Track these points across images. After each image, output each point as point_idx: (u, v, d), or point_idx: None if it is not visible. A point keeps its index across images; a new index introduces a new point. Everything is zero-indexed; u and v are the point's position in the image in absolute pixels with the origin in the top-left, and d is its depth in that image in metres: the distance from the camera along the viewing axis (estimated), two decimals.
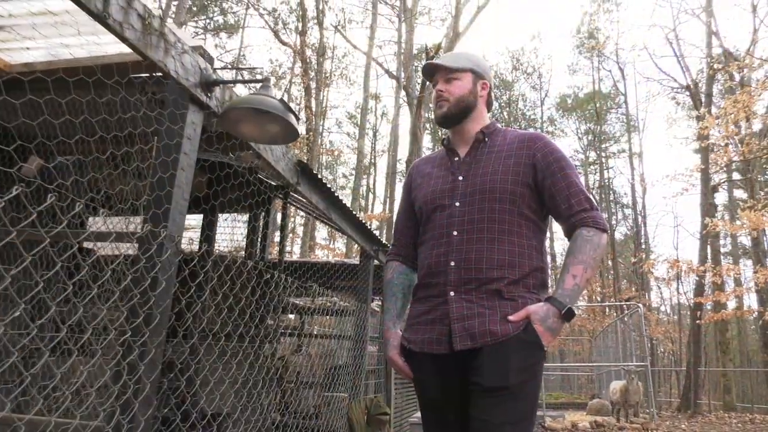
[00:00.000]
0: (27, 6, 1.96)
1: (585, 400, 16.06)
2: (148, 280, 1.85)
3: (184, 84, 2.07)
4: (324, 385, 5.38)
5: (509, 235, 1.72)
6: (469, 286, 1.68)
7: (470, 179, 1.80)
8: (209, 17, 26.63)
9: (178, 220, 2.06)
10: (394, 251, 2.04)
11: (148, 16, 1.88)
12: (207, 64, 2.23)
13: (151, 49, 1.88)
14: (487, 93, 1.94)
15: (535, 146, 1.81)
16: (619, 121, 31.42)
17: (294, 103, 24.84)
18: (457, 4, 22.23)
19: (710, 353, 26.11)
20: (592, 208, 1.75)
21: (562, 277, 1.70)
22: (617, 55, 28.13)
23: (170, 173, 2.01)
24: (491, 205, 1.73)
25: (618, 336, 12.39)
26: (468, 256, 1.70)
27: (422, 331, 1.75)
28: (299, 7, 21.88)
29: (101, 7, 1.65)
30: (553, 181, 1.76)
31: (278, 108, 2.02)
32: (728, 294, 14.07)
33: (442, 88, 1.89)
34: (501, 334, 1.61)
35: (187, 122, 2.12)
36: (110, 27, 1.70)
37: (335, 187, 30.69)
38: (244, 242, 5.65)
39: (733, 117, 12.52)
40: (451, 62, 1.90)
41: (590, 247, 1.69)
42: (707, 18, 15.75)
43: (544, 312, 1.64)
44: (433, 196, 1.85)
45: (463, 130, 1.91)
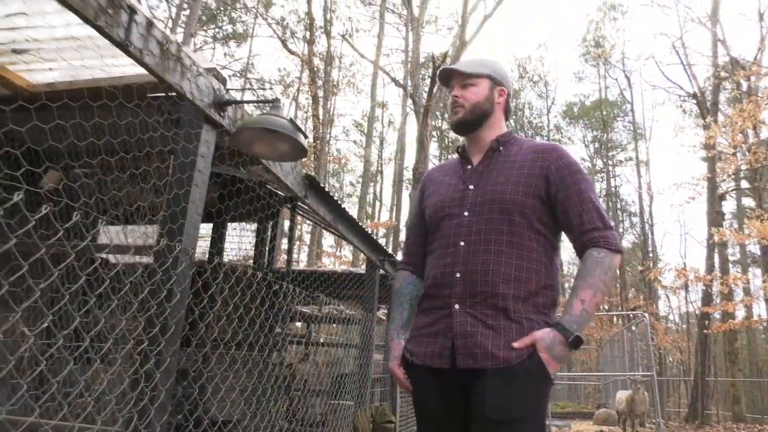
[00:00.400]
0: (51, 32, 2.07)
1: (592, 409, 16.01)
2: (164, 292, 1.94)
3: (199, 105, 2.17)
4: (330, 393, 5.45)
5: (518, 249, 1.66)
6: (474, 300, 1.63)
7: (481, 188, 1.75)
8: (218, 26, 26.95)
9: (192, 233, 2.16)
10: (404, 260, 2.00)
11: (166, 42, 1.98)
12: (220, 85, 2.33)
13: (169, 73, 1.98)
14: (505, 100, 1.89)
15: (549, 158, 1.74)
16: (626, 129, 31.45)
17: (302, 111, 25.07)
18: (463, 13, 22.40)
19: (720, 363, 25.91)
20: (605, 227, 1.67)
21: (570, 301, 1.62)
22: (623, 64, 28.22)
23: (185, 190, 2.11)
24: (500, 216, 1.67)
25: (624, 345, 12.38)
26: (474, 267, 1.65)
27: (425, 343, 1.70)
28: (307, 17, 22.15)
29: (123, 36, 1.76)
30: (567, 195, 1.69)
31: (288, 128, 2.12)
32: (735, 303, 14.01)
33: (457, 94, 1.84)
34: (503, 359, 1.55)
35: (201, 141, 2.22)
36: (131, 54, 1.81)
37: (342, 194, 30.84)
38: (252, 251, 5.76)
39: (739, 126, 12.53)
40: (468, 68, 1.85)
41: (600, 270, 1.61)
42: (713, 27, 15.79)
43: (550, 339, 1.57)
44: (442, 204, 1.80)
45: (479, 137, 1.86)
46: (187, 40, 11.60)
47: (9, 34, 2.12)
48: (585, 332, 1.63)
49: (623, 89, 30.29)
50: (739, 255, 29.43)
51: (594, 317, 1.83)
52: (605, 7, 29.93)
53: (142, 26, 1.85)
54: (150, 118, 2.23)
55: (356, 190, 31.31)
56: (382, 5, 21.64)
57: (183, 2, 21.05)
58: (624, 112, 31.54)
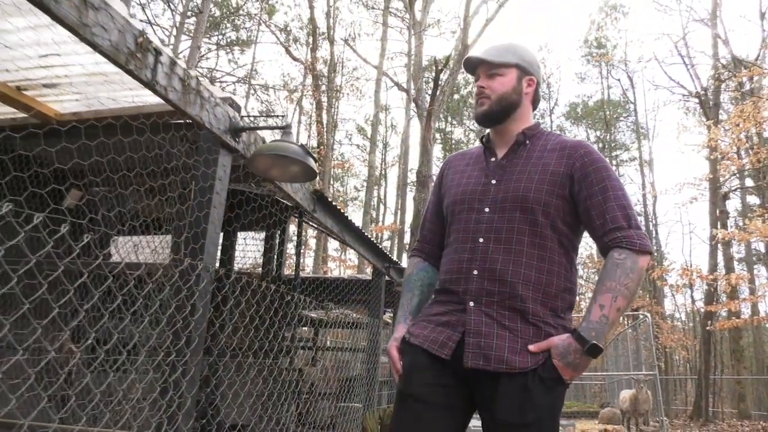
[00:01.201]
0: (81, 69, 2.26)
1: (597, 408, 16.12)
2: (188, 308, 2.12)
3: (216, 132, 2.35)
4: (339, 396, 5.62)
5: (539, 249, 1.60)
6: (491, 299, 1.57)
7: (503, 184, 1.67)
8: (222, 33, 27.21)
9: (212, 251, 2.34)
10: (418, 247, 1.93)
11: (187, 77, 2.16)
12: (235, 113, 2.51)
13: (190, 106, 2.17)
14: (534, 90, 1.78)
15: (574, 155, 1.66)
16: (629, 129, 31.51)
17: (305, 116, 25.28)
18: (465, 16, 22.55)
19: (726, 361, 25.93)
20: (629, 227, 1.57)
21: (589, 307, 1.55)
22: (626, 64, 28.31)
23: (205, 212, 2.29)
24: (522, 215, 1.61)
25: (628, 345, 12.50)
26: (492, 266, 1.59)
27: (429, 329, 1.64)
28: (310, 23, 22.36)
29: (150, 77, 1.94)
30: (590, 193, 1.61)
31: (299, 153, 2.30)
32: (738, 302, 14.11)
33: (483, 84, 1.74)
34: (519, 366, 1.50)
35: (219, 165, 2.40)
36: (157, 92, 1.99)
37: (346, 198, 31.04)
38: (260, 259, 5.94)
39: (740, 127, 12.64)
40: (495, 56, 1.74)
41: (621, 272, 1.52)
42: (713, 28, 15.90)
43: (564, 347, 1.51)
44: (462, 196, 1.72)
45: (505, 129, 1.76)
46: (194, 53, 11.82)
47: (42, 71, 2.31)
48: (604, 340, 1.55)
49: (626, 89, 30.39)
50: (744, 253, 29.42)
51: (617, 323, 1.68)
52: (607, 7, 30.06)
53: (166, 65, 2.03)
54: (173, 147, 2.41)
55: (360, 193, 31.51)
56: (384, 13, 21.80)
57: (186, 10, 21.32)
58: (627, 111, 31.62)
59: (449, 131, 31.73)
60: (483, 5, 23.64)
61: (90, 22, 1.67)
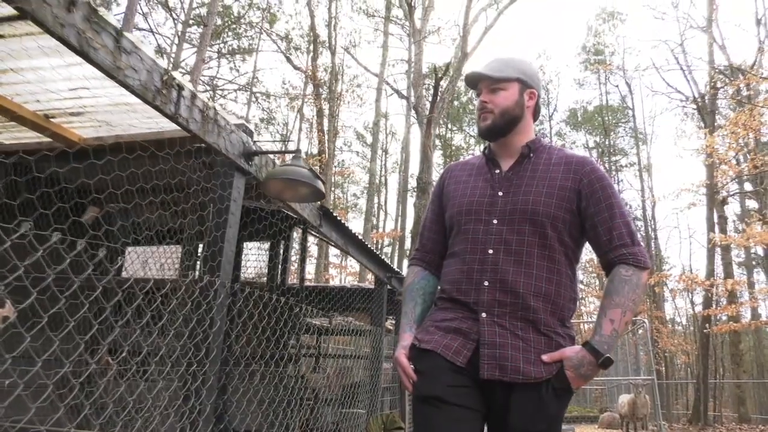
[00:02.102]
0: (107, 100, 2.44)
1: (597, 413, 16.23)
2: (208, 321, 2.29)
3: (231, 157, 2.53)
4: (342, 403, 5.77)
5: (549, 262, 1.65)
6: (503, 309, 1.61)
7: (511, 197, 1.70)
8: (224, 41, 27.45)
9: (227, 268, 2.52)
10: (417, 256, 1.93)
11: (206, 108, 2.35)
12: (248, 138, 2.69)
13: (208, 135, 2.35)
14: (535, 102, 1.82)
15: (582, 170, 1.71)
16: (628, 135, 31.70)
17: (306, 123, 25.49)
18: (465, 24, 22.80)
19: (727, 365, 26.02)
20: (633, 243, 1.65)
21: (600, 321, 1.61)
22: (624, 70, 28.54)
23: (222, 231, 2.46)
24: (531, 228, 1.65)
25: (627, 350, 12.64)
26: (504, 277, 1.62)
27: (440, 336, 1.66)
28: (311, 32, 22.60)
29: (174, 110, 2.12)
30: (597, 210, 1.67)
31: (308, 176, 2.48)
32: (735, 306, 14.26)
33: (486, 99, 1.77)
34: (534, 376, 1.55)
35: (234, 187, 2.58)
36: (179, 123, 2.17)
37: (347, 204, 31.20)
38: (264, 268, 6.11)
39: (735, 135, 12.83)
40: (496, 71, 1.78)
41: (629, 288, 1.60)
42: (709, 39, 16.13)
43: (578, 359, 1.57)
44: (468, 207, 1.74)
45: (508, 142, 1.79)
46: (198, 66, 12.02)
47: (70, 101, 2.49)
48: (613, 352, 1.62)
49: (624, 95, 30.61)
50: (744, 257, 29.53)
51: (622, 335, 1.92)
52: (604, 14, 30.34)
53: (187, 99, 2.22)
54: (193, 173, 2.59)
55: (359, 201, 31.69)
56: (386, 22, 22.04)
57: (188, 19, 21.56)
58: (626, 117, 31.82)
59: (449, 138, 31.91)
60: (482, 13, 23.89)
61: (123, 65, 1.85)
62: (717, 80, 15.90)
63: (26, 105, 2.53)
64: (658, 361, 24.39)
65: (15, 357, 1.31)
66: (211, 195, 2.45)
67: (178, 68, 19.18)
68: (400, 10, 24.64)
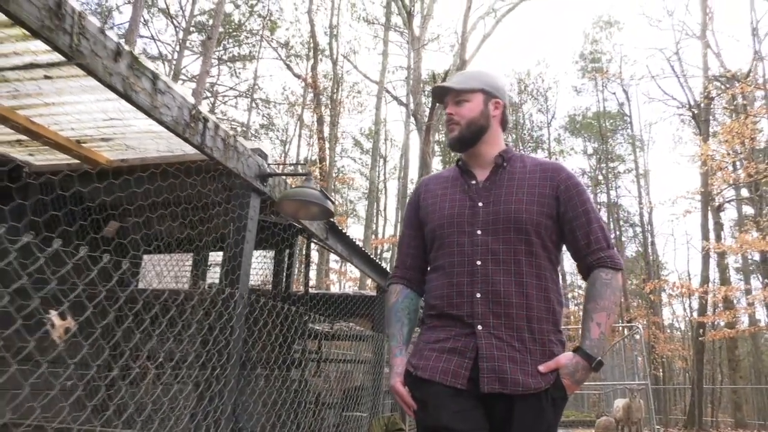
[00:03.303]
0: (137, 128, 2.69)
1: (594, 418, 16.43)
2: (228, 329, 2.53)
3: (248, 180, 2.78)
4: (343, 406, 5.99)
5: (537, 269, 1.67)
6: (498, 321, 1.61)
7: (492, 206, 1.72)
8: (224, 48, 27.76)
9: (245, 280, 2.76)
10: (398, 274, 1.92)
11: (227, 137, 2.59)
12: (263, 161, 2.94)
13: (229, 161, 2.60)
14: (501, 112, 1.85)
15: (558, 177, 1.75)
16: (626, 141, 32.01)
17: (306, 130, 25.79)
18: (463, 32, 23.12)
19: (726, 371, 26.22)
20: (609, 247, 1.72)
21: (587, 325, 1.65)
22: (621, 78, 28.87)
23: (240, 248, 2.71)
24: (517, 236, 1.66)
25: (623, 355, 12.87)
26: (495, 288, 1.63)
27: (435, 358, 1.64)
28: (311, 39, 22.92)
29: (200, 141, 2.37)
30: (575, 215, 1.72)
31: (319, 198, 2.73)
32: (729, 313, 14.51)
33: (452, 111, 1.81)
34: (534, 387, 1.57)
35: (250, 206, 2.83)
36: (205, 152, 2.42)
37: (348, 209, 31.46)
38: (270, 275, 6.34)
39: (728, 143, 13.12)
40: (460, 84, 1.82)
41: (610, 291, 1.66)
42: (703, 49, 16.44)
43: (573, 366, 1.61)
44: (449, 220, 1.74)
45: (479, 153, 1.82)
46: (203, 78, 12.30)
47: (102, 129, 2.74)
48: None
49: (621, 103, 30.94)
50: (741, 263, 29.75)
51: (609, 338, 2.01)
52: (601, 22, 30.71)
53: (211, 130, 2.46)
54: (216, 195, 2.84)
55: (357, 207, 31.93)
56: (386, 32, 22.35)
57: (189, 26, 21.86)
58: (624, 123, 32.13)
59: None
60: (480, 21, 24.23)
61: (158, 104, 2.10)
62: (711, 89, 16.20)
63: (61, 132, 2.78)
64: (656, 367, 24.62)
65: (75, 363, 1.54)
66: (231, 215, 2.69)
67: (179, 75, 19.47)
68: (399, 18, 25.02)
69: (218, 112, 25.89)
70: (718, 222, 16.89)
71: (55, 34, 1.63)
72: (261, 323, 2.87)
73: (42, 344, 1.56)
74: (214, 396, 2.39)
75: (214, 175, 2.80)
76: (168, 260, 4.62)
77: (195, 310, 2.36)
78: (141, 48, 22.11)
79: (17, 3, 1.50)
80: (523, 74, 34.96)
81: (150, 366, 2.45)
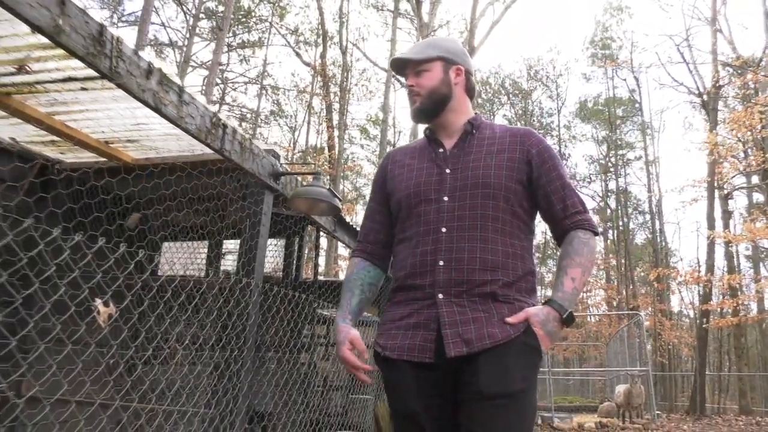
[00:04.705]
0: (160, 131, 2.93)
1: (598, 403, 16.73)
2: (245, 316, 2.80)
3: (263, 179, 3.02)
4: (351, 389, 6.29)
5: (502, 235, 1.61)
6: (460, 288, 1.56)
7: (460, 172, 1.68)
8: (233, 34, 27.91)
9: (259, 271, 3.02)
10: (359, 248, 1.87)
11: (243, 140, 2.84)
12: (275, 161, 3.18)
13: (245, 162, 2.84)
14: (464, 79, 1.79)
15: (529, 142, 1.71)
16: (636, 128, 31.90)
17: (315, 116, 26.00)
18: (472, 19, 23.12)
19: (733, 358, 26.39)
20: (585, 211, 1.70)
21: (560, 279, 1.61)
22: (631, 65, 28.71)
23: (255, 241, 2.96)
24: (484, 201, 1.62)
25: (625, 342, 13.12)
26: (459, 255, 1.58)
27: (402, 336, 1.61)
28: (320, 27, 23.03)
29: (220, 145, 2.62)
30: (549, 179, 1.68)
31: (327, 195, 2.97)
32: (733, 301, 14.66)
33: (412, 83, 1.77)
34: (502, 336, 1.51)
35: (264, 203, 3.08)
36: (224, 155, 2.66)
37: (356, 196, 31.71)
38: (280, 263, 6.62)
39: (734, 132, 13.18)
40: (417, 54, 1.78)
41: (587, 250, 1.63)
42: (712, 38, 16.40)
43: (544, 315, 1.56)
44: (416, 189, 1.70)
45: (446, 122, 1.77)
46: (214, 68, 12.53)
47: (128, 133, 2.99)
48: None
49: (632, 90, 30.78)
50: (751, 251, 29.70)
51: (580, 295, 1.79)
52: (612, 8, 30.46)
53: (230, 134, 2.71)
54: (234, 194, 3.09)
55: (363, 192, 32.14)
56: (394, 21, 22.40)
57: (199, 13, 22.02)
58: (634, 110, 31.98)
59: None
60: (489, 7, 24.17)
61: (184, 114, 2.34)
62: (720, 78, 16.19)
63: (92, 134, 3.03)
64: (662, 354, 24.84)
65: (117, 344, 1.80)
66: (246, 210, 2.94)
67: (189, 61, 19.71)
68: (408, 5, 25.03)
69: (228, 98, 26.18)
70: (726, 210, 16.96)
71: (97, 59, 1.87)
72: (274, 310, 3.13)
73: (90, 328, 1.82)
74: (232, 375, 2.66)
75: (231, 174, 3.05)
76: (186, 248, 4.90)
77: (216, 298, 2.62)
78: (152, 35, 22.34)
79: (67, 35, 1.74)
80: (533, 60, 34.83)
81: (178, 347, 2.72)
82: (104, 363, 1.77)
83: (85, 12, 1.82)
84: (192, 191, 3.35)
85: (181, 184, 3.23)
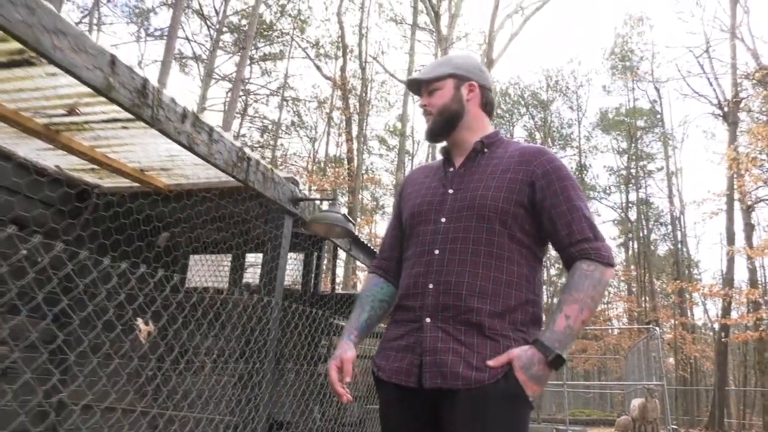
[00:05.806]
0: (191, 161, 3.22)
1: (616, 417, 16.66)
2: (266, 331, 3.05)
3: (283, 204, 3.29)
4: (367, 399, 6.50)
5: (497, 260, 1.53)
6: (447, 314, 1.51)
7: (461, 193, 1.62)
8: (255, 47, 28.58)
9: (279, 290, 3.27)
10: (375, 264, 1.88)
11: (266, 170, 3.11)
12: (294, 187, 3.44)
13: (267, 190, 3.11)
14: (479, 94, 1.74)
15: (536, 161, 1.61)
16: (657, 139, 31.69)
17: (334, 128, 26.45)
18: (490, 31, 23.38)
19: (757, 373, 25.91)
20: (596, 238, 1.54)
21: (554, 316, 1.48)
22: (652, 75, 28.62)
23: (276, 262, 3.22)
24: (478, 224, 1.55)
25: (642, 356, 13.11)
26: (447, 279, 1.52)
27: (393, 358, 1.59)
28: (339, 40, 23.50)
29: (245, 176, 2.89)
30: (554, 203, 1.56)
31: (341, 221, 3.22)
32: (752, 315, 14.53)
33: (425, 102, 1.75)
34: (474, 380, 1.43)
35: (284, 226, 3.34)
36: (248, 186, 2.93)
37: (376, 206, 32.03)
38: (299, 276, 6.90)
39: (753, 146, 13.15)
40: (428, 73, 1.76)
41: (589, 283, 1.48)
42: (731, 52, 16.38)
43: (527, 358, 1.43)
44: (419, 209, 1.68)
45: (460, 140, 1.73)
46: (237, 85, 12.96)
47: (161, 162, 3.29)
48: (568, 351, 1.53)
49: (653, 100, 30.64)
50: None
51: (578, 335, 1.70)
52: (632, 20, 30.44)
53: (254, 166, 2.98)
54: (257, 219, 3.36)
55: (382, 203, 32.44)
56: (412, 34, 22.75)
57: (222, 26, 22.65)
58: (655, 121, 31.80)
59: None
60: (508, 20, 24.39)
61: (213, 151, 2.62)
62: (740, 90, 16.14)
63: (129, 164, 3.34)
64: (683, 367, 24.55)
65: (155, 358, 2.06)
66: (268, 235, 3.21)
67: (212, 75, 20.30)
68: (427, 18, 25.38)
69: (250, 110, 26.76)
70: (748, 222, 16.84)
71: (141, 109, 2.15)
72: (293, 325, 3.39)
73: (133, 344, 2.08)
74: (254, 386, 2.91)
75: (255, 200, 3.33)
76: (212, 260, 5.21)
77: (240, 315, 2.88)
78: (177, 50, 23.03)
79: (116, 90, 2.03)
80: (552, 71, 34.87)
81: (207, 360, 2.98)
82: (144, 375, 2.03)
83: (132, 69, 2.10)
84: (218, 214, 3.63)
85: (210, 210, 3.52)
